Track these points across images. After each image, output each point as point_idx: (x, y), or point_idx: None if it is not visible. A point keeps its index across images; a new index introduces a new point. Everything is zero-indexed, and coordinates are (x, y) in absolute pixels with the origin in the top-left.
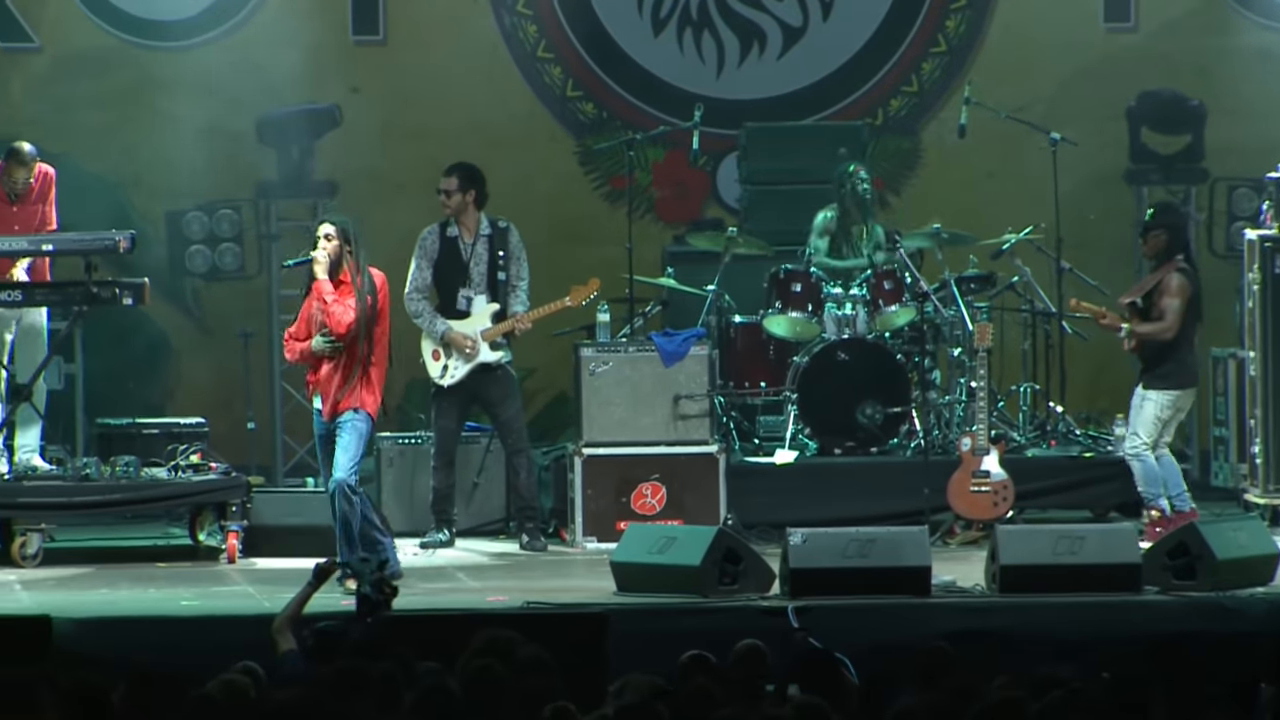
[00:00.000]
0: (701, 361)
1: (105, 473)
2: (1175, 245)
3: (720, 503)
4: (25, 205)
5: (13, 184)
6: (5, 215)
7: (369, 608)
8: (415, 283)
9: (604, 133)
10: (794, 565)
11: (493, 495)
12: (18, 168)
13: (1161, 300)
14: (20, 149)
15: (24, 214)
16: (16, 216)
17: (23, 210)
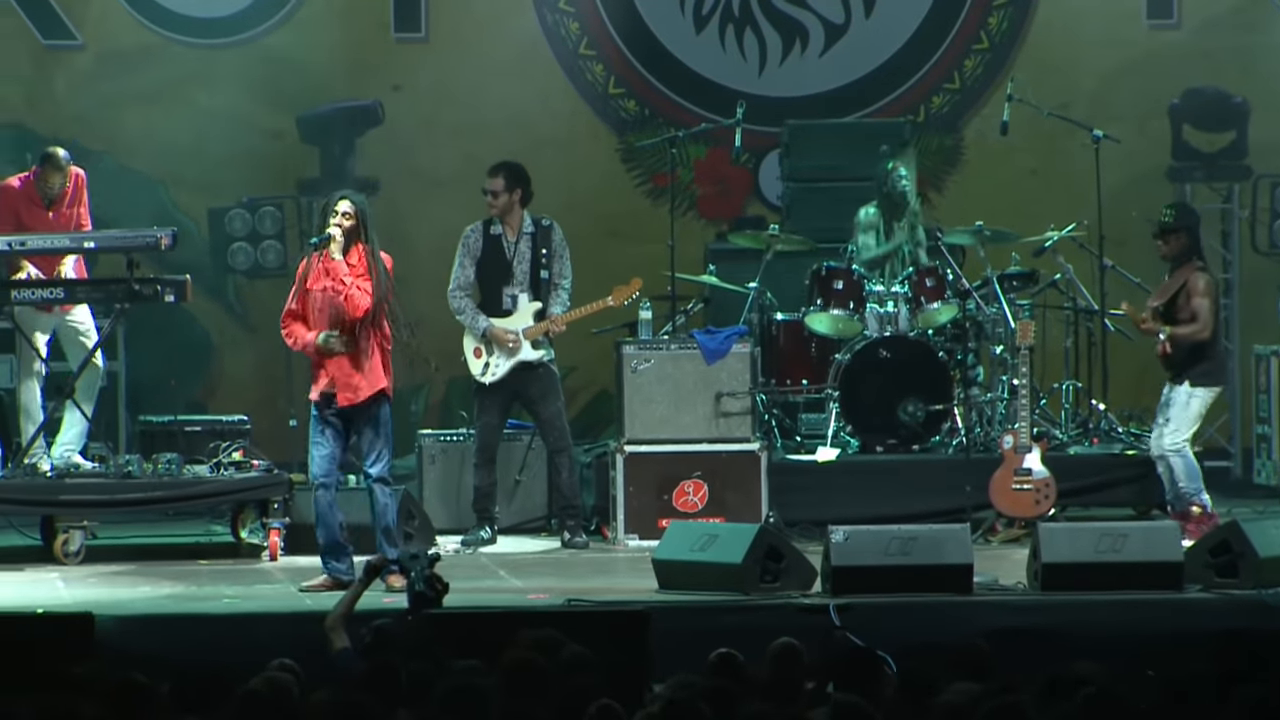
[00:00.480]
0: (743, 359)
1: (147, 470)
2: (1195, 246)
3: (762, 500)
4: (60, 210)
5: (48, 189)
6: (41, 221)
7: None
8: (458, 280)
9: (646, 130)
10: (836, 563)
11: (535, 493)
12: (53, 173)
13: (1192, 301)
14: (55, 154)
15: (60, 219)
16: (53, 223)
17: (58, 215)
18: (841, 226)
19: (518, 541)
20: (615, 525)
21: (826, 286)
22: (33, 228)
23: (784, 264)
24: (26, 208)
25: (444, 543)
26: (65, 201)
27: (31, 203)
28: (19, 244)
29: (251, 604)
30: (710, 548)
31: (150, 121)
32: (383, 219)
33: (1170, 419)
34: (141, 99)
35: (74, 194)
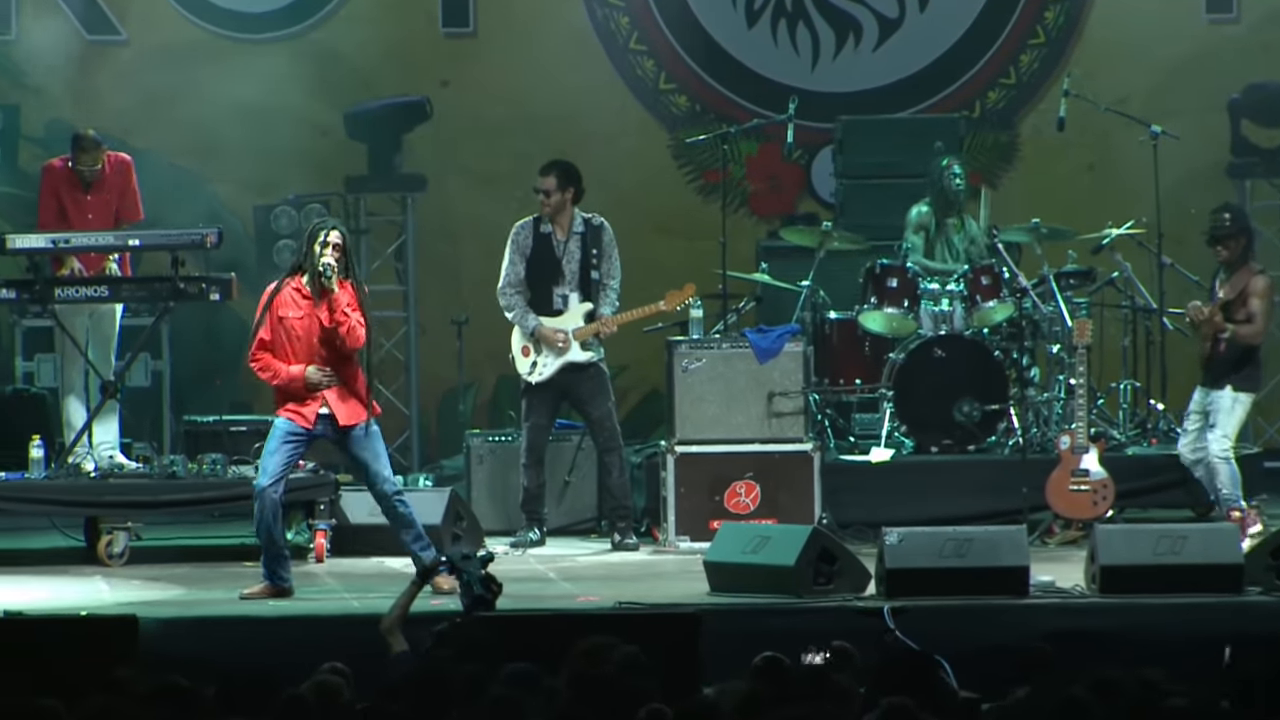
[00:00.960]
0: (796, 358)
1: (192, 471)
2: (1250, 247)
3: (815, 501)
4: (100, 193)
5: (82, 171)
6: (80, 203)
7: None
8: (508, 277)
9: (697, 126)
10: (890, 565)
11: (584, 494)
12: (82, 154)
13: (1249, 303)
14: (83, 134)
15: (98, 201)
16: (91, 204)
17: (97, 198)
18: (896, 224)
19: (567, 543)
20: (666, 527)
21: (880, 284)
22: (72, 210)
23: (837, 261)
24: (67, 189)
25: (492, 544)
26: (105, 185)
27: (71, 185)
28: (63, 241)
29: (297, 606)
30: (762, 550)
31: (195, 118)
32: (430, 216)
33: (1217, 424)
34: (186, 95)
35: (116, 179)
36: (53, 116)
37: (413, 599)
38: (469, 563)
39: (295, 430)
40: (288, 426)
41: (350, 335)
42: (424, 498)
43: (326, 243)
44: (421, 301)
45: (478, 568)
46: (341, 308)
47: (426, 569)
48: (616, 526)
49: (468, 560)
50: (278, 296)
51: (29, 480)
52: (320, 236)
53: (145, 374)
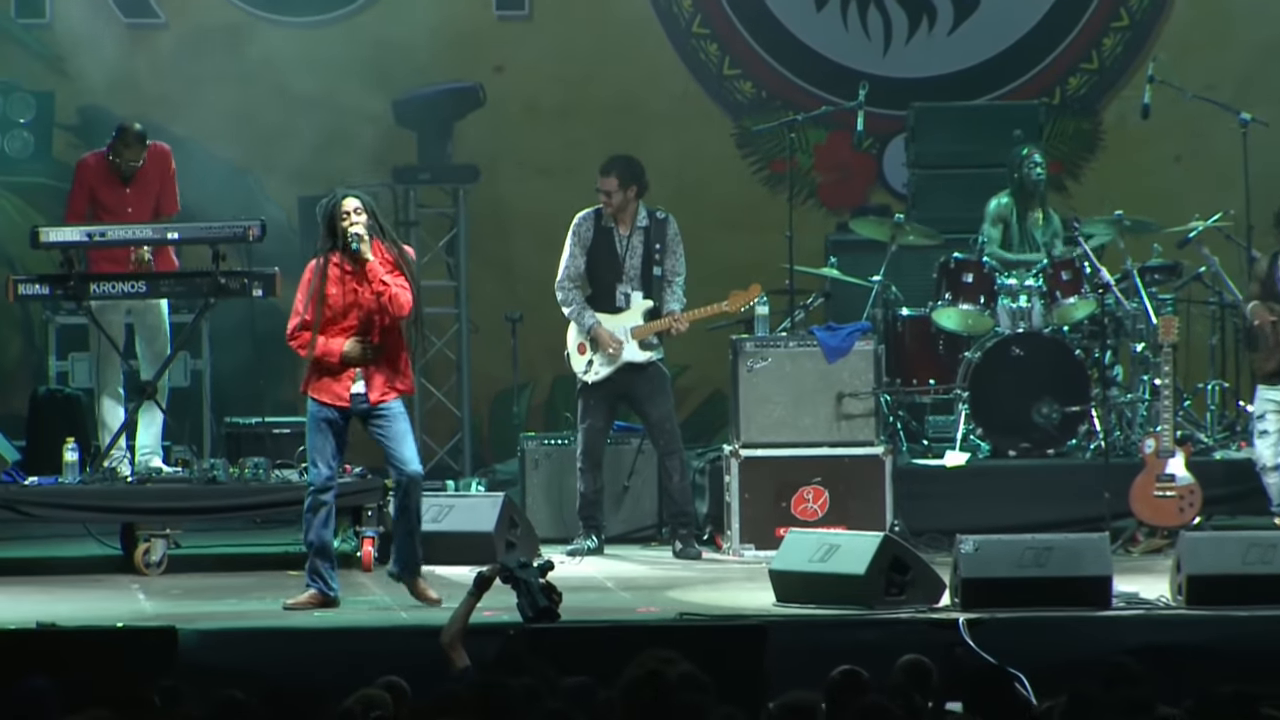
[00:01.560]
0: (866, 357)
1: (234, 475)
2: None
3: (886, 508)
4: (138, 187)
5: (123, 165)
6: (119, 197)
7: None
8: (567, 271)
9: (763, 113)
10: (965, 575)
11: (644, 499)
12: (126, 148)
13: None
14: (128, 128)
15: (137, 195)
16: (129, 198)
17: (136, 192)
18: (971, 216)
19: (626, 551)
20: (730, 534)
21: (955, 280)
22: (108, 205)
23: (910, 256)
24: (103, 184)
25: (548, 553)
26: (143, 178)
27: (107, 179)
28: (99, 235)
29: (343, 617)
30: (831, 558)
31: (237, 105)
32: (483, 207)
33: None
34: (228, 81)
35: (156, 170)
36: (87, 103)
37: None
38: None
39: (331, 415)
40: (324, 413)
41: (394, 303)
42: (476, 503)
43: (345, 212)
44: (474, 298)
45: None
46: (379, 276)
47: (484, 579)
48: (678, 534)
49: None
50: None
51: (63, 485)
52: (337, 210)
53: (185, 374)
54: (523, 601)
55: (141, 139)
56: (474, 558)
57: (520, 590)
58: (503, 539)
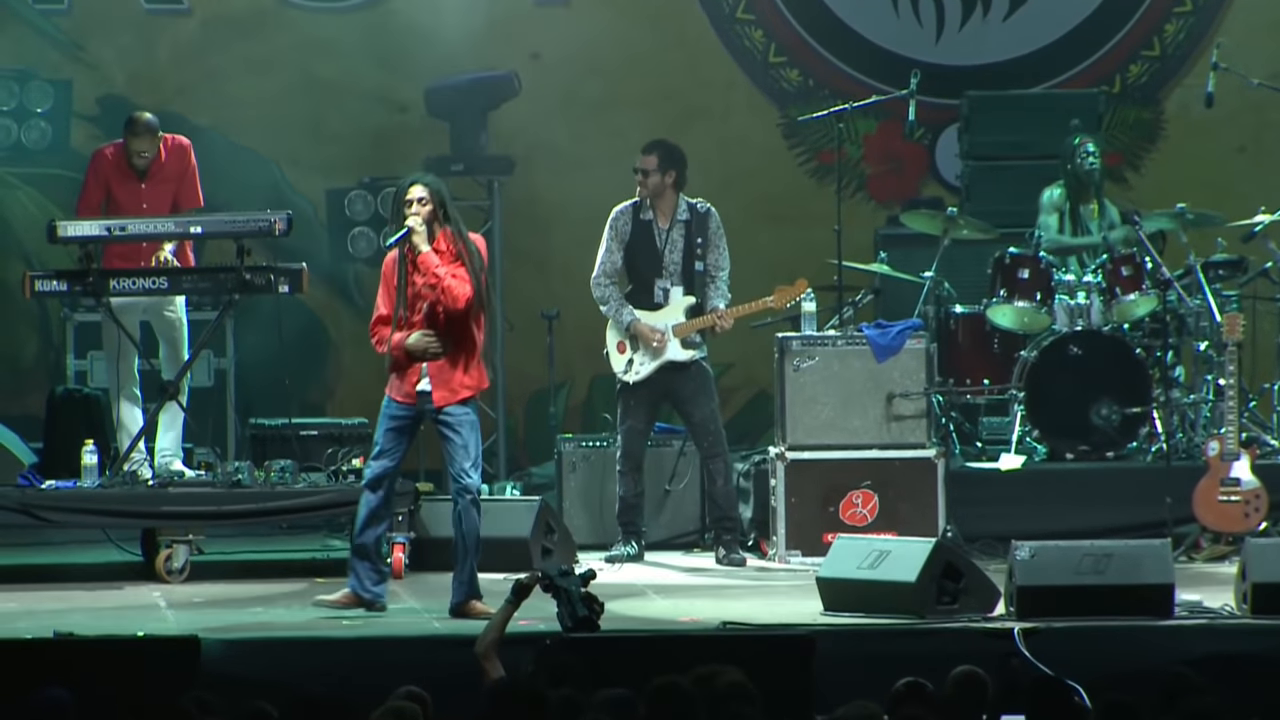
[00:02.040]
0: (918, 356)
1: (259, 478)
2: None
3: (938, 513)
4: (155, 182)
5: (136, 158)
6: (134, 193)
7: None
8: (604, 266)
9: (810, 103)
10: (1020, 583)
11: (686, 504)
12: (134, 138)
13: None
14: (137, 118)
15: (153, 191)
16: (145, 194)
17: (151, 187)
18: (1027, 209)
19: (667, 558)
20: (775, 540)
21: (1010, 275)
22: (123, 200)
23: (963, 251)
24: (118, 179)
25: (586, 559)
26: (161, 173)
27: (123, 173)
28: (119, 229)
29: (373, 627)
30: (881, 565)
31: (262, 94)
32: (518, 201)
33: None
34: (253, 69)
35: (174, 165)
36: (107, 92)
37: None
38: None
39: (399, 412)
40: (390, 408)
41: (446, 295)
42: (511, 508)
43: (409, 200)
44: (508, 294)
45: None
46: (431, 268)
47: (521, 587)
48: (721, 540)
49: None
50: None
51: (81, 489)
52: (406, 195)
53: (208, 373)
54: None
55: (152, 129)
56: (509, 564)
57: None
58: (539, 545)
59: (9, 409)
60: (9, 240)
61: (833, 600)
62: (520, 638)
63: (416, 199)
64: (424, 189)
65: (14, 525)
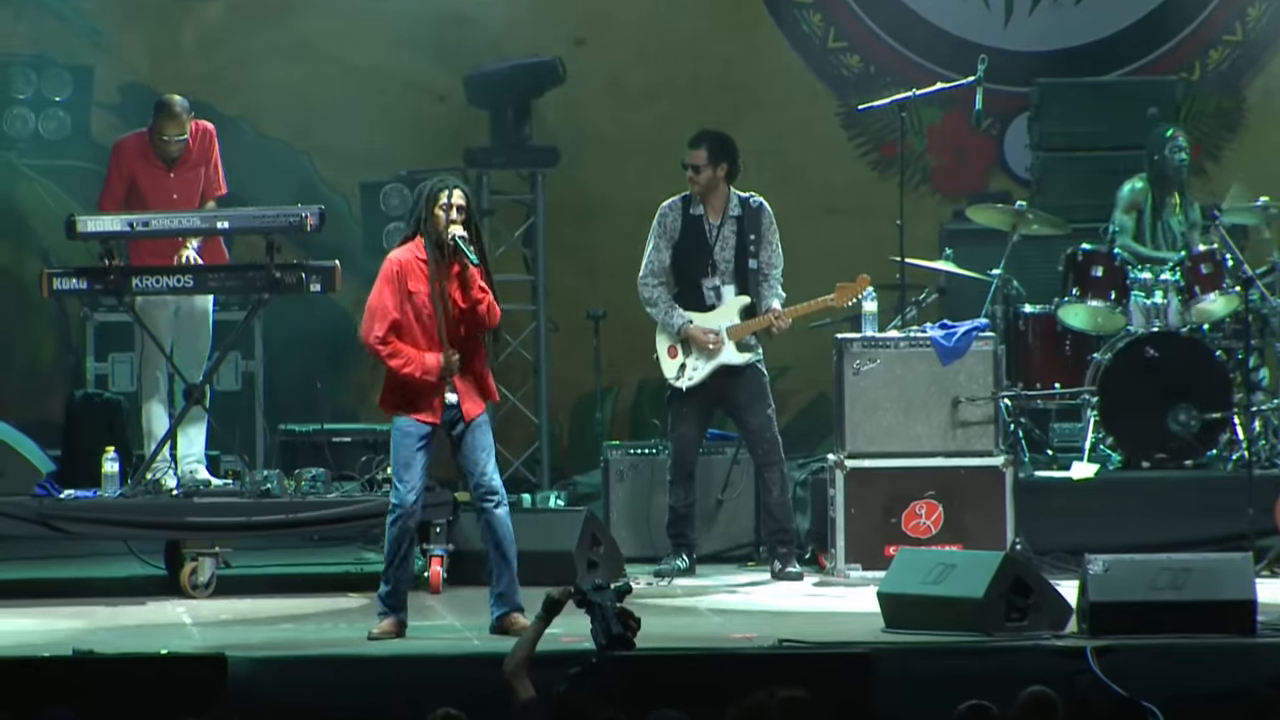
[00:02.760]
0: (985, 359)
1: (289, 488)
2: None
3: (1007, 524)
4: (183, 170)
5: (164, 144)
6: (161, 183)
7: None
8: (651, 265)
9: (872, 90)
10: (1094, 598)
11: (740, 515)
12: (167, 122)
13: None
14: (169, 101)
15: (181, 180)
16: (174, 183)
17: (180, 176)
18: (1101, 203)
19: (720, 572)
20: (834, 553)
21: (1083, 273)
22: (150, 191)
23: (1033, 247)
24: (144, 168)
25: (634, 573)
26: (189, 160)
27: (149, 162)
28: (141, 224)
29: (409, 644)
30: (946, 580)
31: (293, 82)
32: (563, 194)
33: None
34: (283, 56)
35: (200, 151)
36: (129, 80)
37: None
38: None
39: (425, 430)
40: (418, 429)
41: (490, 314)
42: (555, 520)
43: (450, 204)
44: (552, 293)
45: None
46: (479, 283)
47: (553, 602)
48: (777, 553)
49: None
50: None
51: (102, 499)
52: (441, 198)
53: (235, 376)
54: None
55: (185, 112)
56: (553, 579)
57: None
58: (584, 558)
59: (26, 414)
60: (26, 236)
61: (895, 617)
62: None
63: (458, 206)
64: (464, 196)
65: (31, 537)
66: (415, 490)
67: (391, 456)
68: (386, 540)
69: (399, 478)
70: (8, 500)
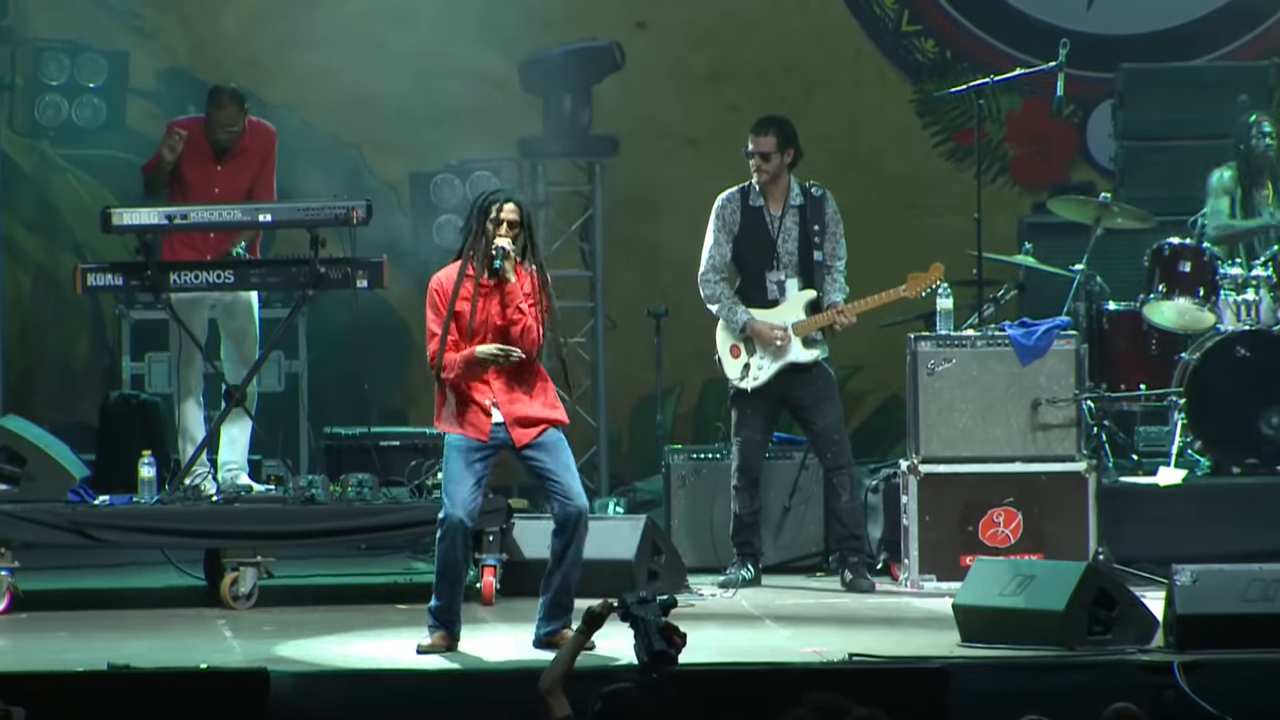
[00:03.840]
0: (1066, 358)
1: (334, 494)
2: None
3: (1089, 533)
4: (234, 163)
5: (216, 134)
6: (206, 173)
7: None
8: (712, 260)
9: (947, 76)
10: (1181, 611)
11: (808, 522)
12: (220, 110)
13: None
14: (221, 89)
15: (229, 174)
16: (219, 176)
17: (229, 170)
18: (1188, 195)
19: (787, 582)
20: (907, 563)
21: (1170, 269)
22: (196, 182)
23: (1117, 241)
24: (191, 157)
25: (696, 583)
26: (239, 154)
27: (198, 151)
28: (180, 217)
29: (459, 658)
30: (1025, 591)
31: (339, 67)
32: (622, 186)
33: None
34: (328, 41)
35: (258, 150)
36: (166, 66)
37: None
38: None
39: (474, 445)
40: (465, 443)
41: (524, 338)
42: (614, 528)
43: (500, 219)
44: (611, 290)
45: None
46: (517, 303)
47: (594, 616)
48: (847, 562)
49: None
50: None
51: (138, 505)
52: (492, 212)
53: (278, 377)
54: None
55: (238, 100)
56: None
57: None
58: (644, 568)
59: (59, 416)
60: (59, 229)
61: (971, 630)
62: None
63: (508, 221)
64: (517, 211)
65: (65, 545)
66: (461, 506)
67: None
68: (435, 554)
69: (445, 492)
70: (40, 507)
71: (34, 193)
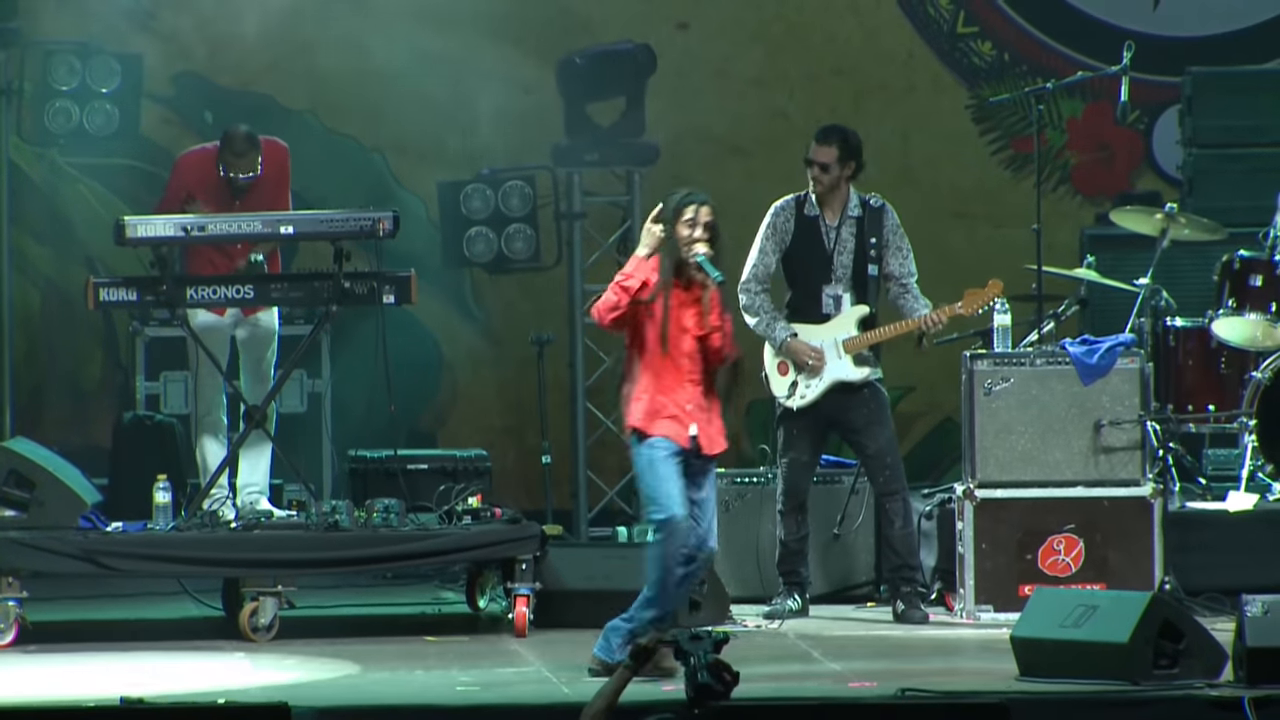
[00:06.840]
0: (1130, 378)
1: (359, 520)
2: None
3: (1155, 561)
4: (254, 200)
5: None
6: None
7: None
8: (755, 270)
9: (1005, 80)
10: (1252, 643)
11: (858, 550)
12: (234, 158)
13: None
14: (233, 134)
15: (247, 206)
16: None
17: (247, 203)
18: (1260, 205)
19: (836, 613)
20: (963, 593)
21: (1240, 283)
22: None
23: (1184, 254)
24: (207, 193)
25: (741, 614)
26: (258, 189)
27: (216, 191)
28: (198, 229)
29: (490, 693)
30: (1087, 623)
31: (362, 72)
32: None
33: None
34: (352, 44)
35: (270, 174)
36: (182, 69)
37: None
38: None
39: (676, 449)
40: (669, 446)
41: (726, 345)
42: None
43: (696, 221)
44: None
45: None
46: (720, 310)
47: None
48: (899, 592)
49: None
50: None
51: (153, 532)
52: (686, 213)
53: (300, 397)
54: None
55: (251, 143)
56: None
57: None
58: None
59: (70, 438)
60: (70, 242)
61: (1030, 663)
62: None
63: (705, 223)
64: (712, 214)
65: (76, 574)
66: (682, 505)
67: (640, 483)
68: (652, 560)
69: (657, 493)
70: (49, 534)
71: (44, 203)
